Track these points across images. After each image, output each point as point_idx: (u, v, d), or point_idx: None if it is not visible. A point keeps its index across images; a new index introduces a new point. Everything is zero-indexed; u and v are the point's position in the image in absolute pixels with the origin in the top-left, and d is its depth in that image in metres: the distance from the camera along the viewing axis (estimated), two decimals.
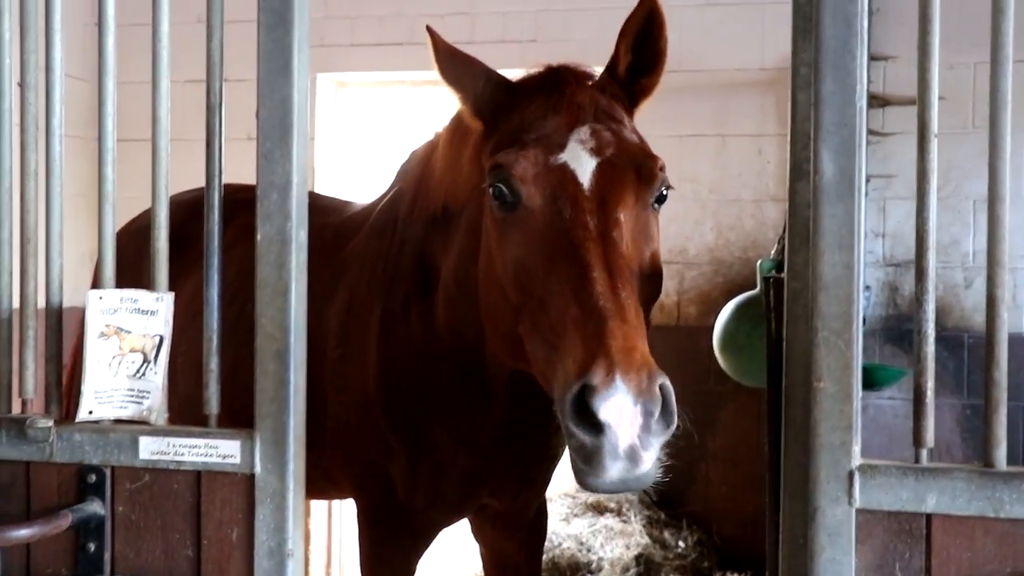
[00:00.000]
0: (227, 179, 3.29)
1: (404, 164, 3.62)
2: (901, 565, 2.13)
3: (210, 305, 2.46)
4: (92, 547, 2.45)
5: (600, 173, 2.49)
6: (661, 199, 2.63)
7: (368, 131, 7.13)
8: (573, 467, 2.21)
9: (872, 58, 5.93)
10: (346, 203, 4.19)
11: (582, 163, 2.49)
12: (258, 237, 2.36)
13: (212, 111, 2.47)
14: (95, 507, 2.45)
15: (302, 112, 2.38)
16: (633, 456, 2.13)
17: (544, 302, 2.39)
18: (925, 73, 2.13)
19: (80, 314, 2.50)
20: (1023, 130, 5.64)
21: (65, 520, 2.36)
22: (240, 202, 2.89)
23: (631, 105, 2.78)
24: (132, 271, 2.67)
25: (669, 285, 6.41)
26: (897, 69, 5.97)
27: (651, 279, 2.56)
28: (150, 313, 2.46)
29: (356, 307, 3.36)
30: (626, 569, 5.80)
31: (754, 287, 4.95)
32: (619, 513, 6.19)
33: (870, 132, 5.98)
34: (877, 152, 6.02)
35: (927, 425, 2.16)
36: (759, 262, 4.84)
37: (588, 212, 2.42)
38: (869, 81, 5.86)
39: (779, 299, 2.49)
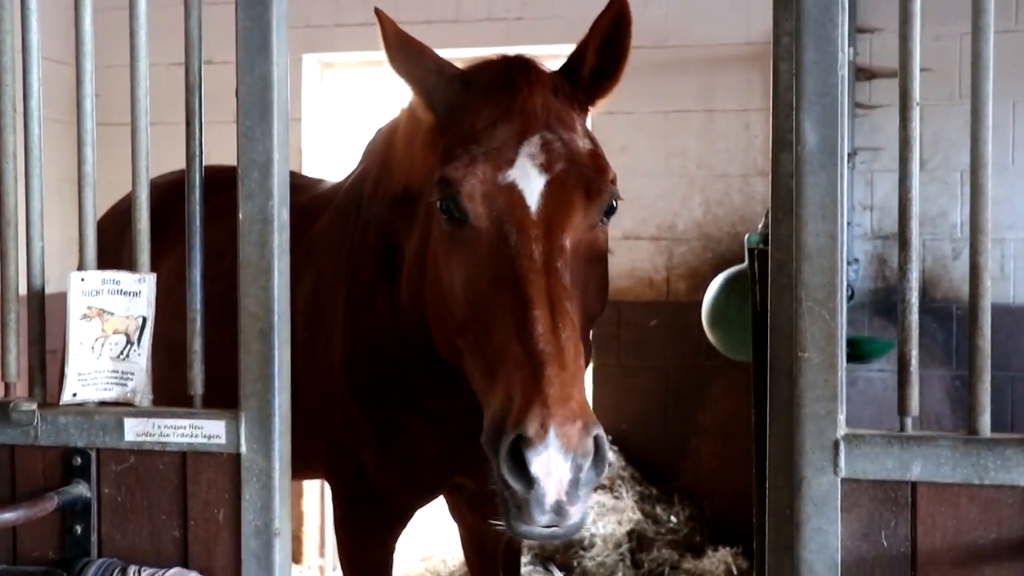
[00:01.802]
0: (214, 161, 3.28)
1: (370, 142, 3.54)
2: (887, 533, 2.14)
3: (192, 286, 2.45)
4: (79, 529, 2.44)
5: (548, 193, 2.45)
6: (611, 211, 2.60)
7: (355, 112, 7.10)
8: (501, 508, 2.23)
9: (858, 30, 5.92)
10: (317, 181, 4.12)
11: (531, 182, 2.45)
12: (240, 216, 2.35)
13: (191, 91, 2.45)
14: (81, 489, 2.44)
15: (282, 89, 2.36)
16: (559, 510, 2.13)
17: (486, 328, 2.38)
18: (907, 40, 2.12)
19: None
20: (1007, 102, 5.68)
21: (51, 503, 2.35)
22: (217, 183, 2.86)
23: (587, 105, 2.74)
24: (113, 255, 2.65)
25: (658, 261, 6.41)
26: (883, 41, 5.95)
27: (597, 297, 2.56)
28: (133, 294, 2.44)
29: (323, 289, 3.31)
30: (618, 545, 5.81)
31: (743, 262, 4.95)
32: (611, 489, 6.20)
33: (857, 105, 5.97)
34: (864, 125, 6.02)
35: (911, 393, 2.16)
36: (746, 236, 4.83)
37: (534, 239, 2.39)
38: (856, 54, 5.86)
39: (763, 271, 2.48)
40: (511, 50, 2.84)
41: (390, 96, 7.25)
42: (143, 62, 2.47)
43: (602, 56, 2.66)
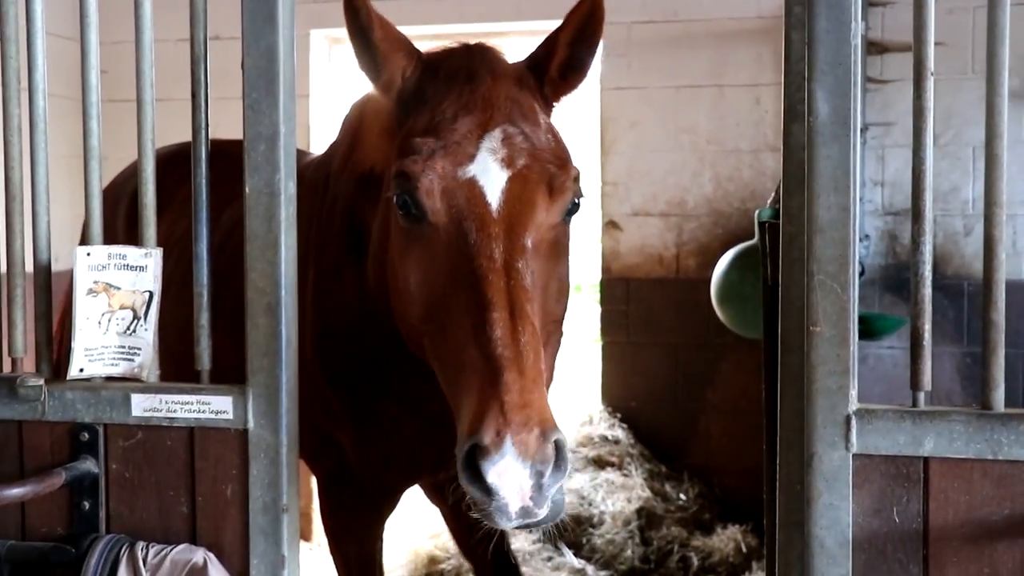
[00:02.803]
0: (220, 136, 3.26)
1: (345, 116, 3.44)
2: (899, 509, 2.12)
3: (199, 260, 2.44)
4: (87, 505, 2.44)
5: (509, 189, 2.36)
6: (574, 210, 2.51)
7: (363, 88, 7.06)
8: (474, 507, 2.16)
9: (870, 3, 5.86)
10: (303, 153, 4.05)
11: (491, 177, 2.37)
12: (246, 190, 2.33)
13: (197, 62, 2.43)
14: (88, 465, 2.44)
15: (288, 61, 2.34)
16: (525, 514, 2.08)
17: (445, 330, 2.32)
18: (921, 8, 2.09)
19: None
20: (1021, 77, 5.62)
21: (58, 478, 2.35)
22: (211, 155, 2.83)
23: (553, 99, 2.66)
24: (106, 230, 2.60)
25: (668, 238, 6.38)
26: (896, 14, 5.89)
27: (558, 298, 2.49)
28: (139, 269, 2.43)
29: None
30: (627, 522, 5.81)
31: (753, 238, 4.92)
32: (620, 467, 6.18)
33: (868, 80, 5.92)
34: (876, 100, 5.96)
35: (924, 368, 2.14)
36: (757, 212, 4.79)
37: (494, 237, 2.31)
38: (867, 27, 5.80)
39: (774, 244, 2.46)
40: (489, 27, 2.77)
41: None
42: (148, 33, 2.45)
43: (572, 51, 2.58)
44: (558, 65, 2.60)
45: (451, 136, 2.41)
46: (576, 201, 2.50)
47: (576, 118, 2.80)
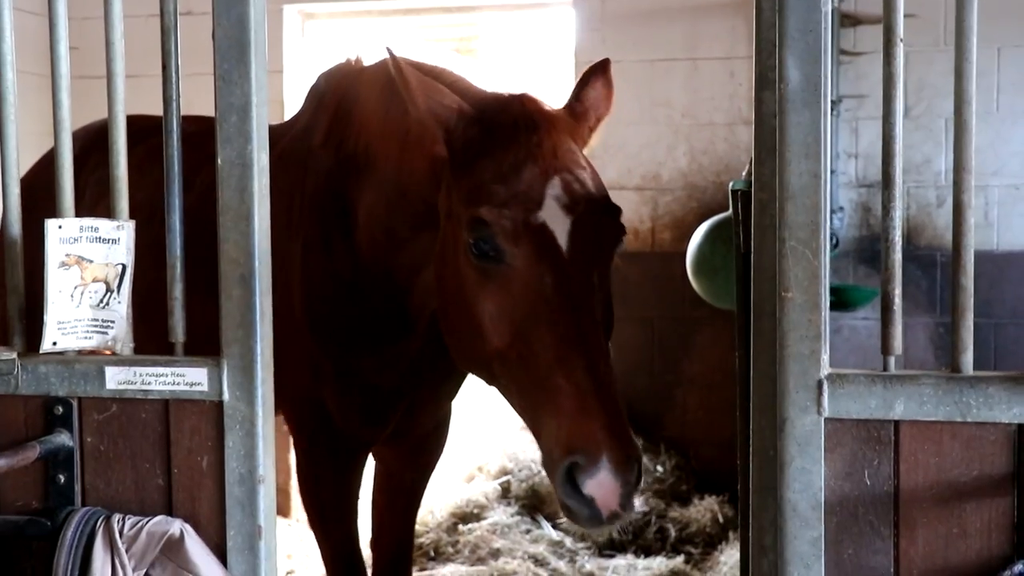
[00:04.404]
0: (196, 112, 3.24)
1: (317, 88, 3.64)
2: (870, 472, 2.15)
3: (172, 231, 2.43)
4: (62, 478, 2.43)
5: (575, 232, 2.61)
6: (620, 244, 2.79)
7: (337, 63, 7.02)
8: (567, 513, 2.46)
9: None
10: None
11: (559, 222, 2.60)
12: (218, 162, 2.32)
13: (167, 33, 2.42)
14: (63, 439, 2.43)
15: (260, 31, 2.32)
16: (614, 518, 2.38)
17: (525, 361, 2.55)
18: None
19: None
20: (991, 48, 5.65)
21: (32, 452, 2.34)
22: (148, 128, 2.94)
23: (585, 141, 2.97)
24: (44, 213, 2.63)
25: (643, 211, 6.39)
26: None
27: (611, 323, 2.72)
28: (111, 241, 2.42)
29: (275, 238, 3.37)
30: None
31: (728, 211, 4.93)
32: None
33: (841, 52, 5.94)
34: (849, 72, 5.99)
35: (895, 333, 2.16)
36: (730, 184, 4.81)
37: (567, 277, 2.55)
38: (840, 0, 5.81)
39: (746, 212, 2.48)
40: None
41: (372, 47, 7.20)
42: (117, 3, 2.43)
43: (600, 104, 2.99)
44: (595, 115, 2.99)
45: (517, 184, 2.64)
46: (624, 237, 2.77)
47: (551, 93, 2.98)
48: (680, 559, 5.44)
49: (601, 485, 2.34)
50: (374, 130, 3.20)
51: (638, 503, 2.47)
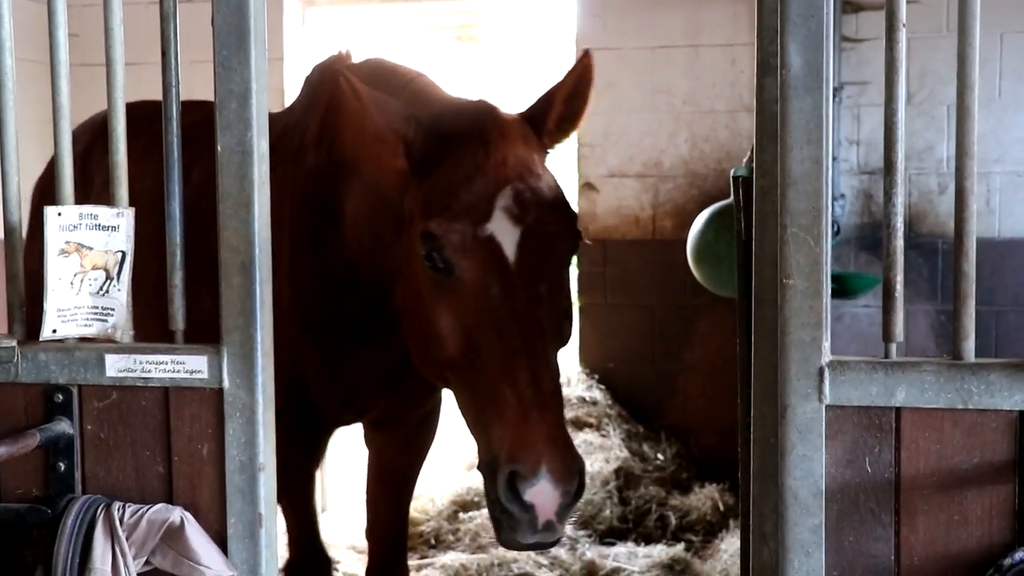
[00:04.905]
0: (194, 98, 3.23)
1: (311, 81, 3.65)
2: (871, 459, 2.14)
3: (172, 219, 2.42)
4: (62, 466, 2.43)
5: (524, 243, 2.65)
6: (576, 251, 2.84)
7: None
8: (495, 523, 2.58)
9: None
10: None
11: (508, 233, 2.64)
12: (218, 148, 2.31)
13: (166, 19, 2.41)
14: (63, 426, 2.43)
15: (259, 17, 2.31)
16: (549, 527, 2.48)
17: (474, 370, 2.63)
18: None
19: None
20: (994, 34, 5.63)
21: (33, 439, 2.34)
22: (151, 117, 2.91)
23: (548, 146, 2.95)
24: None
25: (644, 199, 6.39)
26: None
27: (567, 330, 2.79)
28: (111, 229, 2.41)
29: None
30: (606, 483, 5.84)
31: (729, 198, 4.91)
32: (598, 428, 6.22)
33: (843, 39, 5.92)
34: (851, 59, 5.97)
35: (896, 320, 2.15)
36: (732, 171, 4.80)
37: (514, 288, 2.61)
38: None
39: (748, 199, 2.47)
40: None
41: (373, 34, 7.17)
42: None
43: (567, 106, 2.88)
44: (555, 119, 2.89)
45: (468, 196, 2.68)
46: (578, 244, 2.81)
47: (553, 79, 2.96)
48: (680, 547, 5.44)
49: (540, 493, 2.44)
50: (356, 134, 3.21)
51: (568, 526, 2.59)
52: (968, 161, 2.08)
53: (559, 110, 2.88)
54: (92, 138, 3.89)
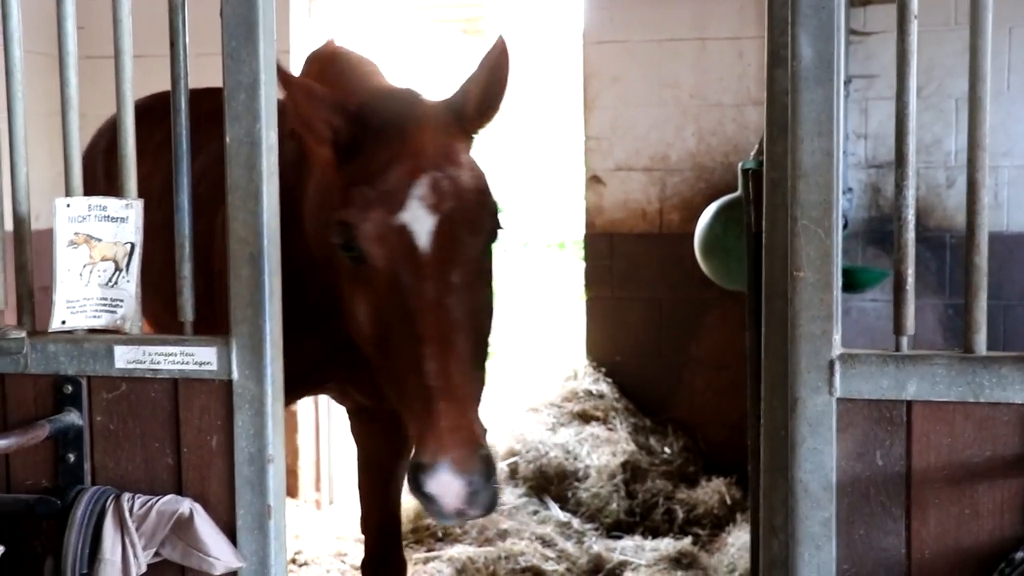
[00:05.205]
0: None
1: (303, 71, 3.60)
2: (882, 452, 2.14)
3: (181, 211, 2.42)
4: (72, 457, 2.43)
5: (437, 232, 2.62)
6: (495, 239, 2.79)
7: (344, 45, 6.99)
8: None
9: None
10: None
11: (420, 222, 2.61)
12: (227, 140, 2.31)
13: (175, 11, 2.41)
14: (73, 417, 2.43)
15: (267, 9, 2.31)
16: (460, 514, 2.46)
17: (390, 358, 2.64)
18: None
19: None
20: (1003, 27, 5.60)
21: (42, 431, 2.34)
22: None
23: (471, 132, 2.90)
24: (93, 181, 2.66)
25: (651, 192, 6.37)
26: None
27: (487, 319, 2.78)
28: (120, 220, 2.41)
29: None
30: (612, 476, 5.84)
31: (736, 191, 4.91)
32: (605, 421, 6.21)
33: (851, 32, 5.90)
34: (859, 52, 5.95)
35: (907, 312, 2.14)
36: (740, 164, 4.79)
37: (425, 278, 2.58)
38: None
39: (758, 191, 2.46)
40: None
41: (378, 27, 7.16)
42: None
43: (485, 91, 2.82)
44: (475, 105, 2.82)
45: (383, 185, 2.65)
46: (497, 231, 2.77)
47: (559, 73, 2.92)
48: (688, 540, 5.44)
49: (441, 484, 2.41)
50: (296, 123, 3.17)
51: (493, 496, 2.54)
52: (980, 153, 2.08)
53: (478, 97, 2.83)
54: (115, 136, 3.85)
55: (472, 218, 2.70)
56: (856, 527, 2.15)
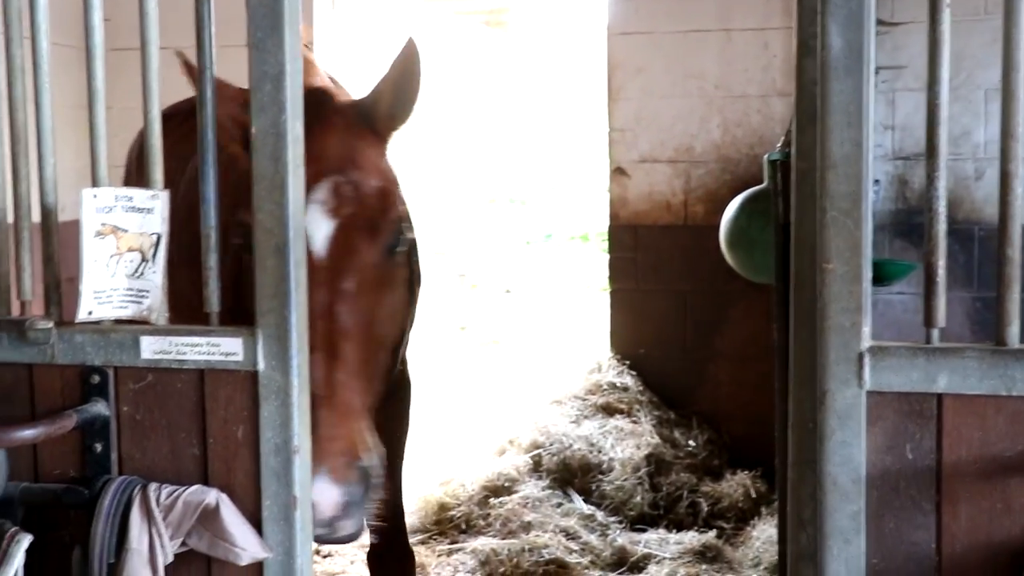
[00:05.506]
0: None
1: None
2: (912, 446, 2.12)
3: (207, 202, 2.42)
4: (98, 447, 2.44)
5: (334, 238, 2.62)
6: (398, 244, 2.78)
7: (367, 37, 7.01)
8: None
9: None
10: None
11: (319, 227, 2.61)
12: (252, 130, 2.31)
13: (201, 2, 2.40)
14: (99, 408, 2.44)
15: None
16: (332, 524, 2.50)
17: None
18: None
19: None
20: None
21: (69, 421, 2.35)
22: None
23: (385, 134, 2.90)
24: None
25: (676, 184, 6.34)
26: None
27: (392, 322, 2.81)
28: (146, 211, 2.42)
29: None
30: (637, 469, 5.82)
31: (762, 184, 4.88)
32: (629, 414, 6.19)
33: (879, 22, 5.84)
34: (886, 43, 5.90)
35: (938, 305, 2.12)
36: (766, 156, 4.76)
37: (318, 284, 2.56)
38: None
39: (786, 182, 2.44)
40: None
41: (401, 20, 7.15)
42: None
43: (396, 93, 2.81)
44: (386, 107, 2.83)
45: None
46: (399, 237, 2.76)
47: (584, 64, 2.91)
48: (712, 534, 5.41)
49: (319, 492, 2.46)
50: None
51: (361, 522, 2.61)
52: (1013, 144, 2.05)
53: (389, 99, 2.83)
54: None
55: (372, 224, 2.68)
56: (886, 521, 2.13)
